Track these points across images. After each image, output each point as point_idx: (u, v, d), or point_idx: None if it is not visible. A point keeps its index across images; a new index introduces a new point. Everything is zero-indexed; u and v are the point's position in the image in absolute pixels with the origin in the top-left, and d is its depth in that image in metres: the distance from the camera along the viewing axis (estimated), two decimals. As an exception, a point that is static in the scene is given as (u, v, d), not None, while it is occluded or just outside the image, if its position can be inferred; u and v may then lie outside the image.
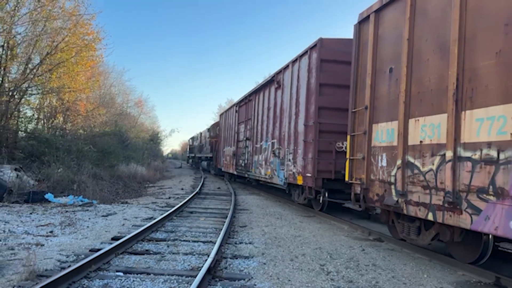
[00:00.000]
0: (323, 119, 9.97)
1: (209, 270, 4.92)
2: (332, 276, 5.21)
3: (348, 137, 8.05)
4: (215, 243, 6.43)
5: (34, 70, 15.97)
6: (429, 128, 5.73)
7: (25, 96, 16.64)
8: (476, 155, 4.83)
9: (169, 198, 14.27)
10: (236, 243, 6.95)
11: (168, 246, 6.53)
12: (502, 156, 4.48)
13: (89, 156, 18.13)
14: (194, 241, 6.97)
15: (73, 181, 14.18)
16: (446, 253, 6.41)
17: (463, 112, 5.09)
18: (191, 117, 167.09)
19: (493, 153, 4.60)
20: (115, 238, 6.89)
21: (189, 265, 5.51)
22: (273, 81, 13.63)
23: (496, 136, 4.57)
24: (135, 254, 6.00)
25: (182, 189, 18.21)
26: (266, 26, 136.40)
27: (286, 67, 12.45)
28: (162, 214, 9.31)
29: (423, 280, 5.21)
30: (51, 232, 7.41)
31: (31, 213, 9.39)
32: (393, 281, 5.13)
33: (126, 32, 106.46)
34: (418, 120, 5.99)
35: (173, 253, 6.09)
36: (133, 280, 4.71)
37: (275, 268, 5.50)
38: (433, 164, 5.58)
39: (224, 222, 8.67)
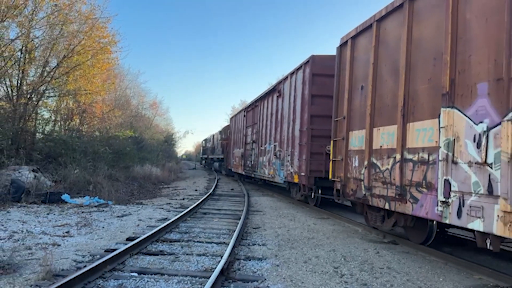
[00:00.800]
0: (314, 126, 11.30)
1: (222, 272, 4.94)
2: (346, 279, 5.18)
3: (332, 142, 9.40)
4: (228, 244, 6.45)
5: (51, 73, 16.27)
6: (386, 136, 7.16)
7: (42, 99, 16.97)
8: (415, 157, 6.27)
9: (183, 199, 14.36)
10: (249, 245, 6.96)
11: (182, 247, 6.58)
12: (430, 158, 5.92)
13: (105, 157, 18.35)
14: (208, 242, 7.01)
15: (89, 182, 14.37)
16: (460, 256, 6.34)
17: (408, 124, 6.53)
18: (205, 118, 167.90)
19: (425, 156, 6.03)
20: (130, 239, 6.97)
21: (202, 266, 5.54)
22: (275, 90, 15.18)
23: (427, 143, 6.01)
24: (150, 254, 6.05)
25: (196, 190, 18.31)
26: (280, 27, 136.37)
27: (286, 78, 13.87)
28: (176, 215, 9.38)
29: (439, 283, 5.14)
30: (67, 232, 7.53)
31: (48, 214, 9.56)
32: (408, 284, 5.06)
33: (140, 35, 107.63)
34: (379, 129, 7.43)
35: (187, 254, 6.13)
36: (147, 281, 4.76)
37: (288, 270, 5.49)
38: (388, 164, 7.00)
39: (238, 223, 8.69)
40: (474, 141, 5.08)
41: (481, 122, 4.98)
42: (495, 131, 4.77)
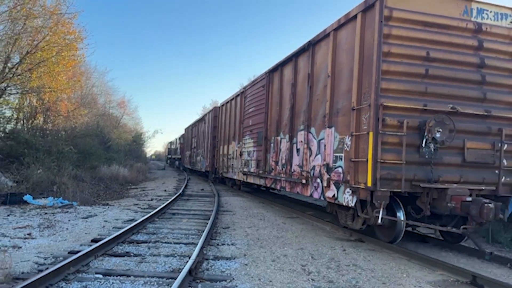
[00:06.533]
0: (214, 142, 21.32)
1: (190, 272, 4.90)
2: (313, 277, 5.25)
3: (216, 150, 20.56)
4: (197, 245, 6.40)
5: (14, 69, 15.61)
6: (225, 148, 18.28)
7: (3, 96, 16.25)
8: (230, 156, 17.21)
9: (152, 199, 14.14)
10: (218, 245, 6.94)
11: (149, 248, 6.48)
12: (232, 156, 16.75)
13: (70, 157, 17.82)
14: (176, 243, 6.93)
15: (53, 183, 13.92)
16: (424, 253, 6.54)
17: (228, 145, 17.78)
18: (176, 118, 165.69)
19: (232, 156, 16.78)
20: (95, 240, 6.79)
21: (170, 267, 5.47)
22: (203, 119, 25.65)
23: (232, 151, 16.80)
24: (115, 256, 5.92)
25: (165, 190, 18.07)
26: (252, 29, 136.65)
27: (206, 114, 24.92)
28: (143, 216, 9.22)
29: (402, 279, 5.29)
30: (29, 234, 7.26)
31: (8, 215, 9.18)
32: (373, 281, 5.19)
33: (108, 32, 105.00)
34: (225, 145, 18.33)
35: (154, 255, 6.04)
36: (113, 282, 4.65)
37: (257, 269, 5.51)
38: (226, 159, 18.07)
39: (207, 223, 8.63)
40: (239, 153, 15.17)
41: (239, 147, 15.40)
42: (238, 150, 15.41)
